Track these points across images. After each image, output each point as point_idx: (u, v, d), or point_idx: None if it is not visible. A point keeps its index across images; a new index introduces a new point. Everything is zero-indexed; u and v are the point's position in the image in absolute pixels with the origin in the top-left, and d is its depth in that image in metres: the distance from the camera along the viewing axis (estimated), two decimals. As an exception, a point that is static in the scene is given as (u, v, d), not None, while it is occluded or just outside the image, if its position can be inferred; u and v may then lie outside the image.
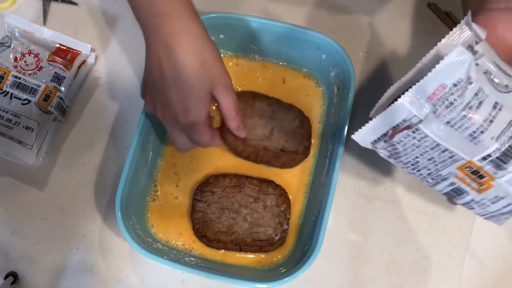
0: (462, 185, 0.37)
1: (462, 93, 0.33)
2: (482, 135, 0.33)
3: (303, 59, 0.55)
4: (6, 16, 0.56)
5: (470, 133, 0.33)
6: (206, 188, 0.51)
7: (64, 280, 0.52)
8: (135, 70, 0.58)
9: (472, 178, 0.36)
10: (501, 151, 0.33)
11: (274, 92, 0.55)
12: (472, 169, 0.35)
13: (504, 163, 0.34)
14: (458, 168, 0.36)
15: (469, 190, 0.37)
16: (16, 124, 0.52)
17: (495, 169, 0.34)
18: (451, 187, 0.38)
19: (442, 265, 0.52)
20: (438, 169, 0.37)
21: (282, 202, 0.51)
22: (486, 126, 0.33)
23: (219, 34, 0.53)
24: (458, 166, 0.35)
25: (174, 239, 0.52)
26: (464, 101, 0.33)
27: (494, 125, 0.33)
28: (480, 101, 0.33)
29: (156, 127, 0.52)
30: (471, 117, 0.33)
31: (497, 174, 0.34)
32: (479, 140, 0.33)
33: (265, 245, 0.50)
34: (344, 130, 0.48)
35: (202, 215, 0.51)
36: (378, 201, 0.54)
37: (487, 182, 0.35)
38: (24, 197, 0.54)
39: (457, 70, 0.32)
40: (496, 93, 0.33)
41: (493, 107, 0.33)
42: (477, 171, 0.35)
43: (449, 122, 0.33)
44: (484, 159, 0.34)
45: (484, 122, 0.33)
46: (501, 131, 0.33)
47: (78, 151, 0.56)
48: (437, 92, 0.33)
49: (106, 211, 0.54)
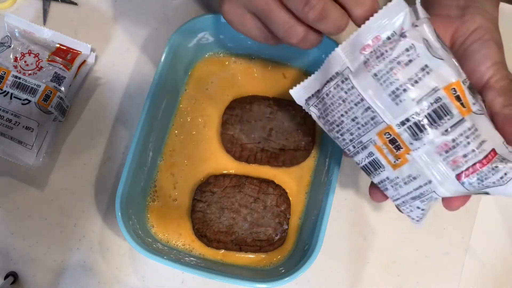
0: (379, 156, 0.35)
1: (394, 46, 0.32)
2: (404, 94, 0.32)
3: (303, 58, 0.55)
4: (6, 16, 0.56)
5: (393, 90, 0.32)
6: (206, 188, 0.51)
7: (64, 280, 0.52)
8: (135, 70, 0.58)
9: (390, 149, 0.34)
10: (419, 117, 0.32)
11: (275, 89, 0.55)
12: (391, 137, 0.34)
13: (420, 131, 0.32)
14: (377, 134, 0.34)
15: (385, 164, 0.35)
16: (16, 124, 0.52)
17: (411, 139, 0.33)
18: (369, 158, 0.36)
19: (442, 265, 0.52)
20: (360, 134, 0.35)
21: (282, 202, 0.51)
22: (410, 86, 0.32)
23: (219, 34, 0.53)
24: (378, 132, 0.34)
25: (174, 239, 0.52)
26: (393, 54, 0.32)
27: (418, 86, 0.32)
28: (410, 59, 0.31)
29: (156, 127, 0.52)
30: (397, 72, 0.32)
31: (413, 145, 0.33)
32: (400, 100, 0.32)
33: (265, 245, 0.50)
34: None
35: (202, 215, 0.51)
36: (378, 201, 0.54)
37: (403, 155, 0.34)
38: (24, 197, 0.54)
39: (392, 22, 0.32)
40: (429, 56, 0.32)
41: (421, 69, 0.31)
42: (395, 139, 0.34)
43: (376, 75, 0.32)
44: (402, 124, 0.33)
45: (409, 80, 0.32)
46: (424, 95, 0.32)
47: (78, 151, 0.56)
48: (371, 43, 0.32)
49: (106, 211, 0.54)
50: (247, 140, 0.52)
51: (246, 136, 0.52)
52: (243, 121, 0.53)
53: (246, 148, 0.52)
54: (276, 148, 0.52)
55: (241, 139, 0.52)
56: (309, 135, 0.52)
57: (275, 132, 0.52)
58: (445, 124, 0.32)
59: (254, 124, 0.53)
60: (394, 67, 0.32)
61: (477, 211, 0.53)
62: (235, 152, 0.52)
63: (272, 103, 0.53)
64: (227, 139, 0.53)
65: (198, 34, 0.52)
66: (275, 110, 0.53)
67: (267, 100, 0.54)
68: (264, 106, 0.53)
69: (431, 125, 0.32)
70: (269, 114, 0.53)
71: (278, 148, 0.52)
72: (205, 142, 0.54)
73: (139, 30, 0.59)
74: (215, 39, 0.54)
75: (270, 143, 0.52)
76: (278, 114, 0.53)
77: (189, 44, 0.53)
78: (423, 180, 0.34)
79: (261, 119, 0.53)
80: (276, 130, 0.53)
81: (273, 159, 0.52)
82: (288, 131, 0.52)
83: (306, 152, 0.52)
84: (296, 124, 0.53)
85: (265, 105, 0.53)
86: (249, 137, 0.52)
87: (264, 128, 0.53)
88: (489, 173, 0.32)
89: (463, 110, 0.32)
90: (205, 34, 0.53)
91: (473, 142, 0.32)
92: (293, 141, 0.52)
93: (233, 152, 0.52)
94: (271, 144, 0.52)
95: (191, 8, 0.59)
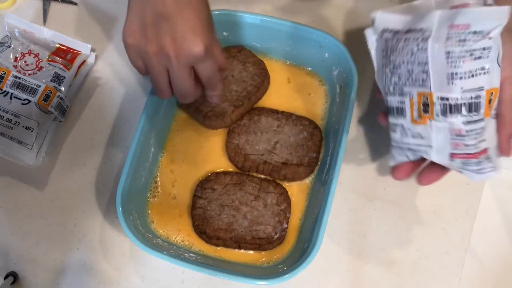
0: (408, 108, 0.40)
1: (477, 40, 0.35)
2: (459, 80, 0.36)
3: (307, 57, 0.55)
4: (6, 16, 0.56)
5: (453, 72, 0.36)
6: (206, 185, 0.51)
7: (64, 280, 0.52)
8: (135, 70, 0.58)
9: (419, 108, 0.39)
10: (457, 102, 0.37)
11: (279, 91, 0.56)
12: (427, 101, 0.38)
13: (451, 112, 0.37)
14: (418, 92, 0.39)
15: (408, 115, 0.40)
16: (16, 124, 0.52)
17: (440, 112, 0.38)
18: (399, 104, 0.41)
19: (442, 265, 0.52)
20: (405, 83, 0.40)
21: (283, 201, 0.51)
22: (466, 76, 0.36)
23: (222, 31, 0.54)
24: (420, 92, 0.39)
25: (173, 235, 0.52)
26: (473, 46, 0.36)
27: (472, 79, 0.36)
28: (481, 56, 0.36)
29: (158, 123, 0.52)
30: (465, 61, 0.36)
31: (438, 117, 0.38)
32: (453, 82, 0.36)
33: (264, 243, 0.50)
34: (345, 129, 0.48)
35: (202, 211, 0.51)
36: (378, 201, 0.54)
37: (425, 118, 0.39)
38: (24, 197, 0.54)
39: (488, 23, 0.35)
40: (495, 61, 0.36)
41: (482, 68, 0.36)
42: (428, 104, 0.38)
43: (449, 53, 0.36)
44: (441, 99, 0.37)
45: (469, 72, 0.36)
46: (471, 88, 0.36)
47: (78, 151, 0.56)
48: (460, 26, 0.36)
49: (106, 211, 0.54)
50: (251, 151, 0.53)
51: (250, 147, 0.53)
52: (250, 131, 0.53)
53: (249, 159, 0.52)
54: (279, 162, 0.52)
55: (245, 150, 0.53)
56: (313, 152, 0.53)
57: (280, 146, 0.53)
58: (469, 117, 0.37)
59: (260, 136, 0.53)
60: (465, 56, 0.36)
61: (477, 211, 0.53)
62: (238, 162, 0.52)
63: (280, 117, 0.54)
64: (231, 148, 0.53)
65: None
66: (283, 123, 0.53)
67: (276, 113, 0.54)
68: (273, 119, 0.54)
69: (460, 113, 0.37)
70: (276, 127, 0.53)
71: (280, 162, 0.52)
72: (206, 139, 0.55)
73: (139, 30, 0.59)
74: (218, 36, 0.54)
75: (273, 156, 0.52)
76: (285, 128, 0.53)
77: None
78: (427, 142, 0.40)
79: (267, 131, 0.53)
80: (281, 143, 0.53)
81: (275, 172, 0.52)
82: (293, 145, 0.53)
83: (309, 168, 0.52)
84: (302, 139, 0.53)
85: (274, 118, 0.54)
86: (253, 148, 0.53)
87: (270, 141, 0.53)
88: (473, 163, 0.39)
89: (487, 112, 0.37)
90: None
91: (477, 138, 0.38)
92: (297, 156, 0.52)
93: (236, 161, 0.53)
94: (274, 157, 0.52)
95: (191, 8, 0.59)
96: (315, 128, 0.53)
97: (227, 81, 0.54)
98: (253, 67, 0.54)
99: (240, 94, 0.53)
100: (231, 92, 0.53)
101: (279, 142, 0.53)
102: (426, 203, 0.54)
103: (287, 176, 0.52)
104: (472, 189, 0.54)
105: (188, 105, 0.53)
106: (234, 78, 0.54)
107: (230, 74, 0.54)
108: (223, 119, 0.52)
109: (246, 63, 0.55)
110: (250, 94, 0.53)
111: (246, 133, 0.53)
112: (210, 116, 0.52)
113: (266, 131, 0.53)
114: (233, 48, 0.55)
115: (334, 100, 0.54)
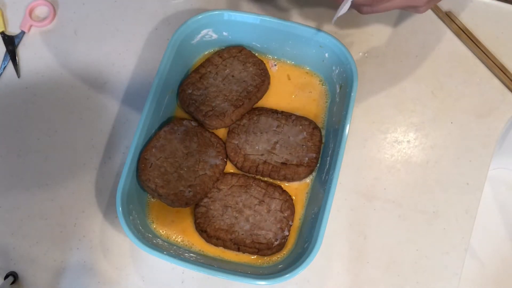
0: None
1: None
2: None
3: (307, 57, 0.55)
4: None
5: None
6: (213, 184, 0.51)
7: (64, 280, 0.52)
8: (135, 70, 0.58)
9: None
10: None
11: (279, 91, 0.56)
12: None
13: None
14: None
15: None
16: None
17: None
18: None
19: (442, 265, 0.52)
20: None
21: (287, 208, 0.51)
22: None
23: (222, 31, 0.54)
24: None
25: (173, 235, 0.52)
26: None
27: None
28: None
29: (158, 123, 0.52)
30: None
31: None
32: None
33: (263, 248, 0.50)
34: (345, 129, 0.48)
35: (205, 210, 0.51)
36: (378, 201, 0.54)
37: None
38: (24, 197, 0.54)
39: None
40: None
41: None
42: None
43: None
44: None
45: None
46: None
47: (78, 151, 0.56)
48: None
49: (106, 210, 0.54)
50: (251, 151, 0.53)
51: (250, 146, 0.53)
52: (249, 131, 0.53)
53: (248, 159, 0.52)
54: (279, 162, 0.52)
55: (245, 149, 0.53)
56: (313, 152, 0.53)
57: (279, 146, 0.53)
58: None
59: (260, 136, 0.53)
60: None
61: (477, 211, 0.53)
62: (238, 162, 0.52)
63: (280, 117, 0.54)
64: (231, 148, 0.53)
65: (202, 31, 0.53)
66: (283, 124, 0.53)
67: (276, 113, 0.54)
68: (272, 119, 0.54)
69: None
70: (276, 128, 0.53)
71: (280, 162, 0.52)
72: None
73: (139, 30, 0.59)
74: (219, 36, 0.54)
75: (273, 156, 0.52)
76: (285, 128, 0.53)
77: (192, 41, 0.53)
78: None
79: (267, 131, 0.53)
80: (280, 144, 0.53)
81: (275, 173, 0.52)
82: (293, 146, 0.53)
83: (309, 168, 0.52)
84: (302, 139, 0.53)
85: (273, 118, 0.54)
86: (253, 148, 0.53)
87: (269, 141, 0.53)
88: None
89: None
90: (208, 31, 0.53)
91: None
92: (296, 156, 0.52)
93: (236, 161, 0.52)
94: (273, 157, 0.52)
95: (190, 8, 0.59)
96: (314, 128, 0.53)
97: (227, 81, 0.54)
98: (253, 67, 0.54)
99: (241, 94, 0.53)
100: (231, 92, 0.53)
101: (278, 142, 0.53)
102: (426, 203, 0.54)
103: (287, 176, 0.52)
104: (472, 189, 0.54)
105: (188, 105, 0.53)
106: (235, 78, 0.54)
107: (230, 74, 0.54)
108: (223, 119, 0.52)
109: (246, 63, 0.55)
110: (250, 94, 0.53)
111: (246, 133, 0.53)
112: (210, 116, 0.52)
113: (266, 131, 0.53)
114: (233, 48, 0.55)
115: (334, 100, 0.54)
